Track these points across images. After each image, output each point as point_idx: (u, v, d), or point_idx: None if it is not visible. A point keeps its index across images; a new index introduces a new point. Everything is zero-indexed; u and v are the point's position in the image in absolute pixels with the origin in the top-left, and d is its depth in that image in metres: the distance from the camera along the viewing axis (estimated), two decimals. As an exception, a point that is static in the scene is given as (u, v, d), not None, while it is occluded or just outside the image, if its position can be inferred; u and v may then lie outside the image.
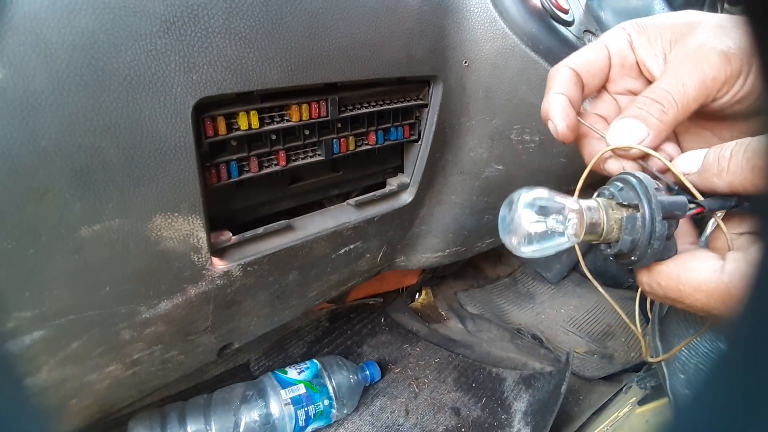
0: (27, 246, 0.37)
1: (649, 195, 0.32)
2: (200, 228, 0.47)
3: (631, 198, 0.33)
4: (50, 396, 0.48)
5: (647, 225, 0.32)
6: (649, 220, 0.32)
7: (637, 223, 0.32)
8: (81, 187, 0.37)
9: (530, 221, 0.32)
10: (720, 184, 0.32)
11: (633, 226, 0.33)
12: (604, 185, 0.36)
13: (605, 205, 0.34)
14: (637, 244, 0.33)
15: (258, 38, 0.42)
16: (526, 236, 0.32)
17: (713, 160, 0.33)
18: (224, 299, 0.56)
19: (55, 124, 0.34)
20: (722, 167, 0.32)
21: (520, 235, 0.33)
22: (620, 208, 0.34)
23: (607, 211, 0.33)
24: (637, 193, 0.33)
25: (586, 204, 0.33)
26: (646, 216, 0.32)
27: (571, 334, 1.26)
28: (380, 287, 1.24)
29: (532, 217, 0.32)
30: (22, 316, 0.40)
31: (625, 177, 0.34)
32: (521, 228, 0.32)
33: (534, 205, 0.33)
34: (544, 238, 0.33)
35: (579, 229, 0.33)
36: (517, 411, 0.97)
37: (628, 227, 0.33)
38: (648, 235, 0.32)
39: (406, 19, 0.53)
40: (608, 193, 0.35)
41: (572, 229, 0.33)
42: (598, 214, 0.33)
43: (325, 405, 0.85)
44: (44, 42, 0.32)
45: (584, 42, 0.66)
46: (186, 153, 0.42)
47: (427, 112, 0.63)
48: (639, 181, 0.33)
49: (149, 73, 0.37)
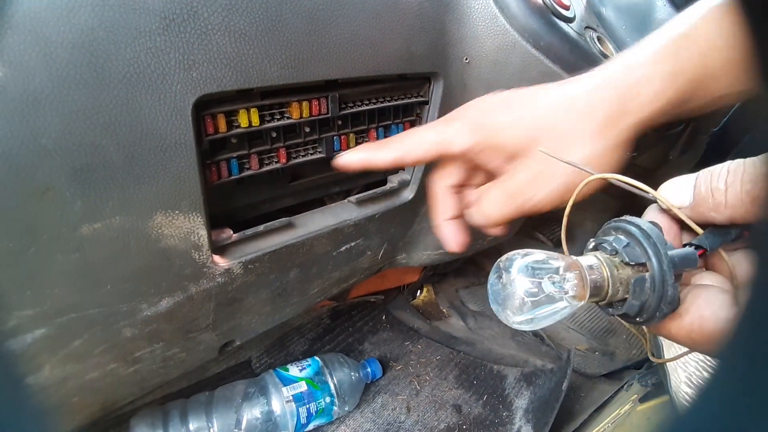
0: (28, 245, 0.37)
1: (660, 254, 0.28)
2: (201, 226, 0.47)
3: (638, 256, 0.29)
4: (52, 394, 0.48)
5: (657, 288, 0.28)
6: (659, 282, 0.28)
7: (646, 286, 0.29)
8: (81, 185, 0.37)
9: (527, 289, 0.29)
10: (719, 218, 0.30)
11: (641, 290, 0.29)
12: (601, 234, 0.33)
13: (608, 263, 0.30)
14: (645, 307, 0.29)
15: (258, 35, 0.42)
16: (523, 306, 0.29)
17: (706, 193, 0.30)
18: (225, 297, 0.56)
19: (55, 122, 0.34)
20: (718, 201, 0.30)
21: (515, 305, 0.30)
22: (625, 267, 0.30)
23: (612, 271, 0.30)
24: (645, 250, 0.29)
25: (586, 263, 0.30)
26: (656, 278, 0.28)
27: (573, 331, 1.26)
28: (381, 284, 1.24)
29: (528, 285, 0.29)
30: (24, 315, 0.40)
31: (628, 228, 0.30)
32: (516, 297, 0.29)
33: (531, 270, 0.29)
34: (543, 305, 0.29)
35: (581, 292, 0.29)
36: (519, 408, 0.97)
37: (636, 290, 0.29)
38: (658, 298, 0.28)
39: (407, 15, 0.53)
40: (610, 249, 0.31)
41: (573, 293, 0.29)
42: (602, 276, 0.30)
43: (327, 402, 0.85)
44: (44, 40, 0.32)
45: (585, 38, 0.66)
46: (186, 151, 0.42)
47: (427, 109, 0.63)
48: (645, 235, 0.29)
49: (149, 70, 0.37)
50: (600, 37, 0.69)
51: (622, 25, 0.76)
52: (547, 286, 0.29)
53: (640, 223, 0.30)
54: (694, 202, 0.31)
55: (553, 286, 0.29)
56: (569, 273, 0.29)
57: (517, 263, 0.30)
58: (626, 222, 0.30)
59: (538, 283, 0.29)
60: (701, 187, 0.31)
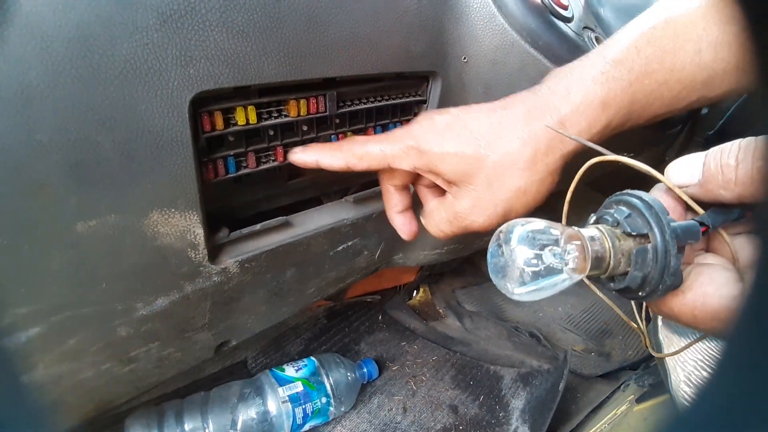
0: (22, 241, 0.37)
1: (662, 224, 0.28)
2: (197, 224, 0.46)
3: (640, 227, 0.29)
4: (46, 393, 0.48)
5: (660, 259, 0.28)
6: (662, 253, 0.28)
7: (648, 257, 0.28)
8: (77, 181, 0.37)
9: (527, 258, 0.29)
10: (728, 196, 0.30)
11: (644, 260, 0.28)
12: (602, 208, 0.32)
13: (610, 234, 0.29)
14: (647, 279, 0.29)
15: (256, 32, 0.42)
16: (523, 276, 0.29)
17: (716, 170, 0.30)
18: (221, 296, 0.55)
19: (51, 117, 0.34)
20: (728, 178, 0.29)
21: (514, 275, 0.29)
22: (627, 238, 0.29)
23: (613, 242, 0.29)
24: (647, 220, 0.28)
25: (588, 234, 0.29)
26: (658, 248, 0.28)
27: (569, 332, 1.26)
28: (378, 284, 1.24)
29: (529, 254, 0.29)
30: (19, 313, 0.40)
31: (630, 200, 0.30)
32: (516, 267, 0.29)
33: (532, 239, 0.29)
34: (543, 276, 0.29)
35: (582, 264, 0.29)
36: (515, 409, 0.97)
37: (638, 261, 0.29)
38: (661, 270, 0.28)
39: (405, 14, 0.53)
40: (612, 220, 0.30)
41: (573, 264, 0.29)
42: (603, 247, 0.29)
43: (323, 402, 0.85)
44: (40, 35, 0.32)
45: (583, 38, 0.66)
46: (183, 148, 0.42)
47: (425, 108, 0.63)
48: (647, 205, 0.29)
49: (145, 66, 0.37)
50: (598, 37, 0.69)
51: (620, 26, 0.76)
52: (548, 257, 0.29)
53: (641, 194, 0.29)
54: (703, 180, 0.31)
55: (554, 257, 0.29)
56: (570, 244, 0.29)
57: (518, 231, 0.29)
58: (628, 194, 0.30)
59: (538, 253, 0.29)
60: (710, 164, 0.30)
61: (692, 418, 0.20)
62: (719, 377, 0.19)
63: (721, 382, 0.19)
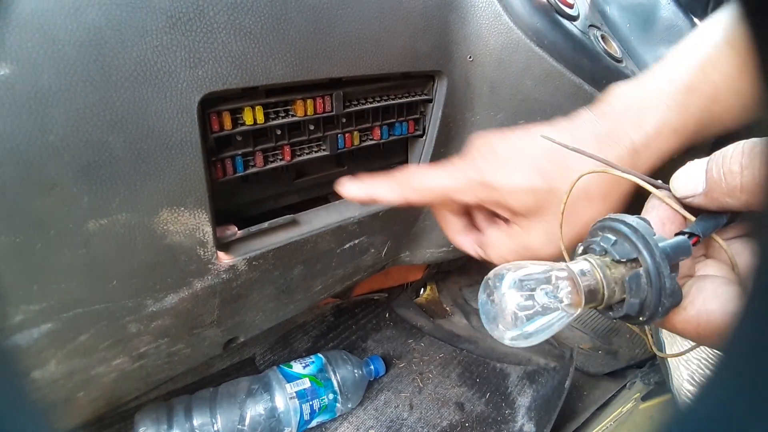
0: (35, 240, 0.38)
1: (650, 246, 0.27)
2: (206, 222, 0.47)
3: (628, 252, 0.28)
4: (58, 389, 0.49)
5: (654, 282, 0.27)
6: (655, 275, 0.27)
7: (642, 282, 0.28)
8: (88, 181, 0.38)
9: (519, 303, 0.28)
10: (735, 203, 0.29)
11: (638, 286, 0.28)
12: (588, 237, 0.31)
13: (600, 264, 0.29)
14: (645, 304, 0.28)
15: (263, 33, 0.43)
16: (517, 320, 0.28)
17: (719, 177, 0.29)
18: (230, 293, 0.56)
19: (63, 119, 0.35)
20: (733, 185, 0.28)
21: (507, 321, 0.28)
22: (617, 265, 0.29)
23: (604, 272, 0.28)
24: (634, 245, 0.28)
25: (577, 268, 0.29)
26: (650, 271, 0.27)
27: (576, 330, 1.26)
28: (385, 282, 1.25)
29: (520, 298, 0.28)
30: (30, 310, 0.40)
31: (614, 225, 0.29)
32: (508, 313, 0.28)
33: (521, 283, 0.28)
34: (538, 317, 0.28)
35: (576, 299, 0.28)
36: (521, 406, 0.97)
37: (632, 288, 0.28)
38: (657, 293, 0.27)
39: (411, 13, 0.53)
40: (599, 249, 0.30)
41: (568, 300, 0.28)
42: (595, 279, 0.28)
43: (330, 399, 0.86)
44: (51, 38, 0.33)
45: (589, 37, 0.66)
46: (192, 148, 0.42)
47: (431, 108, 0.63)
48: (632, 229, 0.28)
49: (155, 68, 0.38)
50: (604, 35, 0.69)
51: (626, 24, 0.76)
52: (541, 297, 0.28)
53: (624, 218, 0.29)
54: (707, 188, 0.29)
55: (547, 297, 0.28)
56: (561, 281, 0.28)
57: (507, 279, 0.29)
58: (610, 220, 0.29)
59: (530, 295, 0.28)
60: (713, 171, 0.29)
61: (694, 416, 0.20)
62: (720, 378, 0.20)
63: (723, 382, 0.19)
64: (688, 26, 0.73)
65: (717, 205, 0.30)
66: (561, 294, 0.28)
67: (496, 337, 0.30)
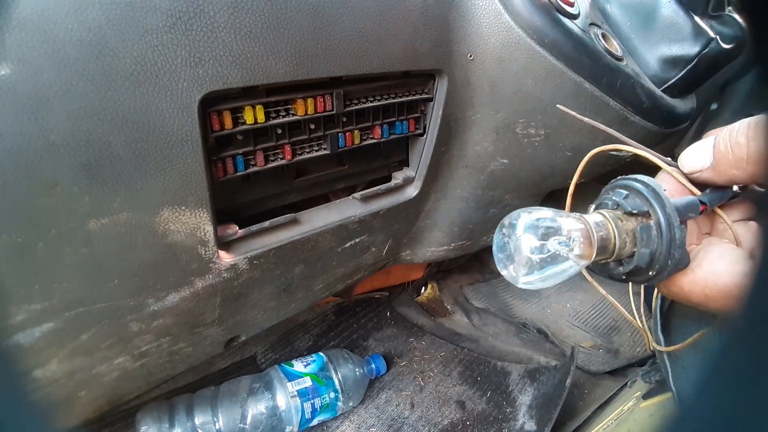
0: (36, 239, 0.38)
1: (661, 199, 0.28)
2: (207, 221, 0.47)
3: (640, 205, 0.29)
4: (60, 387, 0.49)
5: (665, 232, 0.28)
6: (665, 226, 0.28)
7: (652, 233, 0.28)
8: (89, 181, 0.38)
9: (533, 246, 0.28)
10: (741, 175, 0.29)
11: (649, 237, 0.28)
12: (601, 195, 0.32)
13: (612, 217, 0.30)
14: (655, 256, 0.29)
15: (263, 33, 0.43)
16: (530, 263, 0.29)
17: (725, 150, 0.29)
18: (231, 292, 0.56)
19: (63, 118, 0.35)
20: (740, 156, 0.29)
21: (521, 263, 0.29)
22: (629, 218, 0.30)
23: (616, 224, 0.29)
24: (645, 198, 0.29)
25: (592, 219, 0.29)
26: (661, 223, 0.28)
27: (577, 328, 1.26)
28: (386, 281, 1.25)
29: (534, 242, 0.28)
30: (32, 309, 0.41)
31: (627, 183, 0.30)
32: (522, 255, 0.29)
33: (537, 227, 0.29)
34: (550, 264, 0.29)
35: (588, 250, 0.29)
36: (522, 404, 0.98)
37: (643, 238, 0.29)
38: (667, 243, 0.28)
39: (411, 12, 0.53)
40: (612, 203, 0.31)
41: (579, 251, 0.29)
42: (607, 229, 0.29)
43: (331, 398, 0.86)
44: (52, 38, 0.33)
45: (590, 35, 0.66)
46: (193, 147, 0.42)
47: (432, 106, 0.63)
48: (645, 185, 0.29)
49: (156, 68, 0.38)
50: (605, 33, 0.69)
51: (626, 22, 0.76)
52: (553, 245, 0.28)
53: (637, 176, 0.30)
54: (714, 162, 0.30)
55: (560, 245, 0.28)
56: (575, 231, 0.29)
57: (523, 220, 0.29)
58: (623, 179, 0.31)
59: (543, 241, 0.29)
60: (720, 145, 0.30)
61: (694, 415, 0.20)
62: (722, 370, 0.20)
63: (724, 376, 0.19)
64: (688, 24, 0.73)
65: (724, 178, 0.30)
66: (574, 243, 0.29)
67: (507, 277, 0.30)
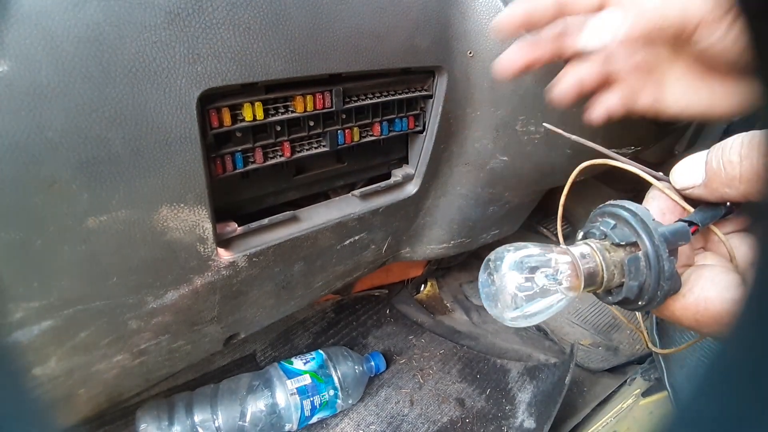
0: (35, 237, 0.38)
1: (649, 229, 0.28)
2: (206, 219, 0.47)
3: (628, 236, 0.28)
4: (58, 385, 0.49)
5: (653, 265, 0.27)
6: (654, 258, 0.27)
7: (641, 264, 0.28)
8: (88, 178, 0.38)
9: (519, 284, 0.28)
10: (733, 194, 0.29)
11: (637, 269, 0.28)
12: (588, 223, 0.32)
13: (599, 248, 0.29)
14: (644, 287, 0.28)
15: (262, 29, 0.42)
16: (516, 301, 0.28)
17: (718, 168, 0.29)
18: (230, 289, 0.56)
19: (62, 115, 0.35)
20: (732, 175, 0.28)
21: (507, 301, 0.29)
22: (617, 249, 0.29)
23: (604, 255, 0.29)
24: (633, 228, 0.28)
25: (578, 251, 0.29)
26: (649, 254, 0.28)
27: (576, 326, 1.26)
28: (385, 278, 1.25)
29: (520, 280, 0.28)
30: (30, 307, 0.40)
31: (614, 211, 0.30)
32: (508, 293, 0.28)
33: (521, 264, 0.28)
34: (536, 299, 0.28)
35: (575, 282, 0.28)
36: (522, 402, 0.98)
37: (631, 270, 0.28)
38: (656, 275, 0.27)
39: (411, 9, 0.53)
40: (599, 233, 0.30)
41: (567, 283, 0.28)
42: (595, 261, 0.29)
43: (331, 395, 0.86)
44: (50, 34, 0.33)
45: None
46: (191, 144, 0.42)
47: (431, 103, 0.63)
48: (632, 213, 0.29)
49: (154, 64, 0.38)
50: (605, 31, 0.68)
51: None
52: (540, 279, 0.28)
53: (624, 204, 0.29)
54: (706, 179, 0.29)
55: (546, 279, 0.28)
56: (562, 264, 0.28)
57: (508, 259, 0.29)
58: (611, 206, 0.30)
59: (530, 276, 0.28)
60: (713, 162, 0.29)
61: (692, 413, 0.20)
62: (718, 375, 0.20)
63: (720, 379, 0.19)
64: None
65: (716, 196, 0.30)
66: (561, 277, 0.28)
67: (495, 316, 0.30)
